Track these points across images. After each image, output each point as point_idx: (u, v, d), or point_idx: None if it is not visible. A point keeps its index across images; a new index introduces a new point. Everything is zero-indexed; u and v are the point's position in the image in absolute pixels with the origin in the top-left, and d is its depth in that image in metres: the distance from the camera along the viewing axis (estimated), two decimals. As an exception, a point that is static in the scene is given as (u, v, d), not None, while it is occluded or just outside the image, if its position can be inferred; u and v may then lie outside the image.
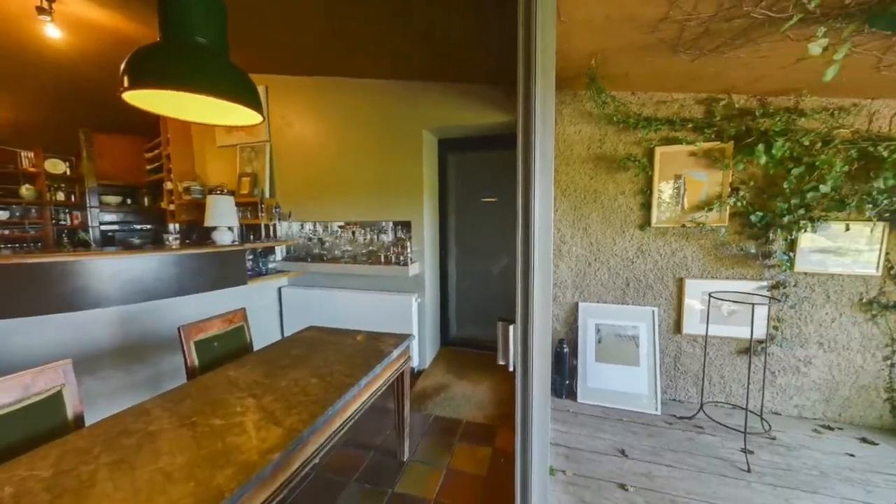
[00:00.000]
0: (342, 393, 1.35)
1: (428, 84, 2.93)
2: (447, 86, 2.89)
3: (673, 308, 2.53)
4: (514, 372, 1.35)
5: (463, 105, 2.88)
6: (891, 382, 2.20)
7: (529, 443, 1.34)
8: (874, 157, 2.04)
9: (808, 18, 1.37)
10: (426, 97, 2.95)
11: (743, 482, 1.78)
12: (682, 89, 2.35)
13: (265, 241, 3.25)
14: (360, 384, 1.45)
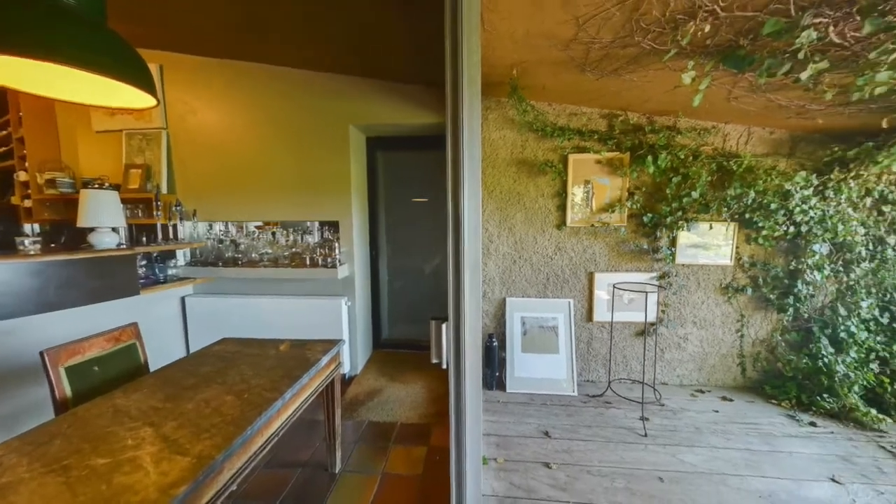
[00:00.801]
0: (263, 409, 1.23)
1: (355, 79, 2.83)
2: (377, 83, 2.83)
3: (585, 299, 2.83)
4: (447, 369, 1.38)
5: (393, 104, 2.84)
6: (741, 350, 2.76)
7: (463, 437, 1.38)
8: (728, 170, 2.54)
9: (682, 53, 1.65)
10: (354, 92, 2.84)
11: (641, 445, 2.07)
12: (589, 104, 2.64)
13: (163, 244, 2.81)
14: (284, 398, 1.34)
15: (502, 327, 2.87)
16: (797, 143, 2.57)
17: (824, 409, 2.38)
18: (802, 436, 2.17)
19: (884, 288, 2.47)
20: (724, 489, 1.74)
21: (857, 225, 2.42)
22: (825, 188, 2.44)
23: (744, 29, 1.47)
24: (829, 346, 2.48)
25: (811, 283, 2.53)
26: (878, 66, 1.46)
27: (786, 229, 2.50)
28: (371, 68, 2.72)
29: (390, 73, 2.74)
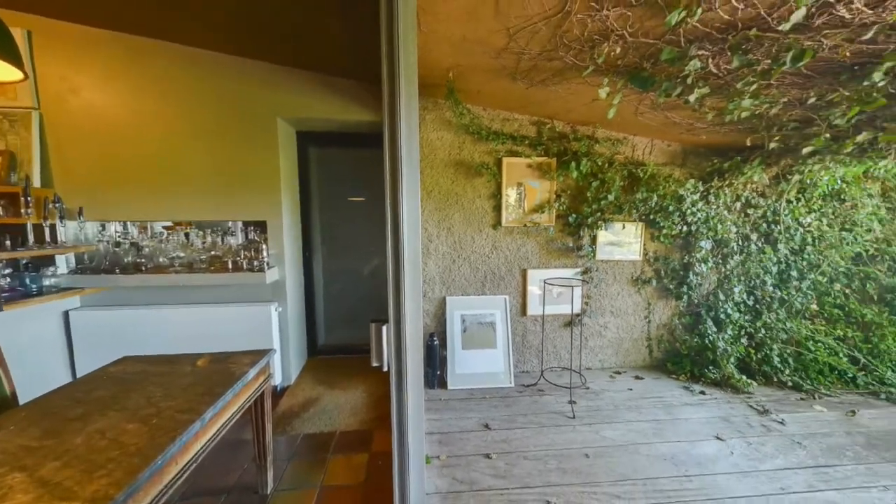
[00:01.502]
0: (177, 434, 1.09)
1: (286, 69, 2.63)
2: (310, 75, 2.66)
3: (520, 294, 3.00)
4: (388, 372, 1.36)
5: (328, 98, 2.70)
6: (649, 334, 3.16)
7: (406, 438, 1.37)
8: (636, 177, 2.89)
9: (598, 70, 1.84)
10: (283, 83, 2.64)
11: (570, 427, 2.26)
12: (520, 111, 2.80)
13: (36, 248, 2.32)
14: (203, 418, 1.20)
15: (443, 326, 2.91)
16: (688, 155, 3.02)
17: (710, 379, 2.84)
18: (695, 403, 2.56)
19: (749, 276, 3.03)
20: (638, 457, 1.98)
21: (730, 224, 2.93)
22: (708, 194, 2.91)
23: (647, 54, 1.68)
24: (712, 326, 2.97)
25: (699, 273, 3.00)
26: (743, 95, 1.79)
27: (681, 228, 2.92)
28: (304, 59, 2.55)
29: (325, 65, 2.61)
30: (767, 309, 2.99)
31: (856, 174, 2.95)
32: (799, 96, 1.84)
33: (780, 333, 2.95)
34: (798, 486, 1.77)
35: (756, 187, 2.98)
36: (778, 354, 2.90)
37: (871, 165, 2.72)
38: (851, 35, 1.37)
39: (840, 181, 2.96)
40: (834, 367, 2.85)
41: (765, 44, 1.45)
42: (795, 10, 1.23)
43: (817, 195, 2.96)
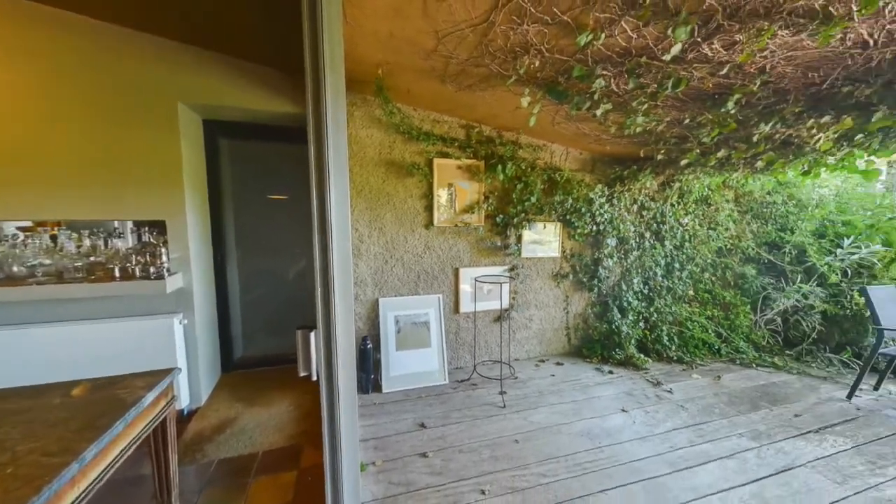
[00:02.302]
0: (43, 483, 0.89)
1: (191, 49, 2.31)
2: (221, 58, 2.37)
3: (452, 293, 3.07)
4: (318, 381, 1.29)
5: (244, 86, 2.44)
6: (567, 323, 3.49)
7: (339, 449, 1.31)
8: (554, 181, 3.17)
9: (521, 81, 1.97)
10: (188, 64, 2.31)
11: (501, 416, 2.38)
12: (450, 113, 2.86)
13: None
14: (82, 458, 1.00)
15: (376, 329, 2.84)
16: (596, 163, 3.40)
17: (617, 359, 3.24)
18: (605, 382, 2.89)
19: (644, 268, 3.52)
20: (560, 436, 2.17)
21: (629, 224, 3.38)
22: (612, 197, 3.32)
23: (562, 69, 1.85)
24: (617, 313, 3.39)
25: (607, 267, 3.40)
26: (637, 112, 2.07)
27: (591, 228, 3.28)
28: (216, 40, 2.27)
29: (242, 50, 2.35)
30: (658, 296, 3.52)
31: (717, 183, 3.63)
32: (678, 117, 2.20)
33: (667, 316, 3.50)
34: (682, 442, 2.12)
35: (648, 192, 3.48)
36: (666, 334, 3.43)
37: (727, 176, 3.38)
38: (713, 70, 1.67)
39: (707, 189, 3.61)
40: (705, 342, 3.47)
41: (652, 70, 1.70)
42: (674, 44, 1.46)
43: (692, 200, 3.57)
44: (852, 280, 3.32)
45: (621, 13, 1.41)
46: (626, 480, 1.81)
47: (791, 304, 3.48)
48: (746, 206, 3.81)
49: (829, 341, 3.42)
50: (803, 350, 3.44)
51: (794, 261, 3.59)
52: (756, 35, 1.39)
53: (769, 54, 1.55)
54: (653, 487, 1.76)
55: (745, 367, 3.23)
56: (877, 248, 3.24)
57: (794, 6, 1.25)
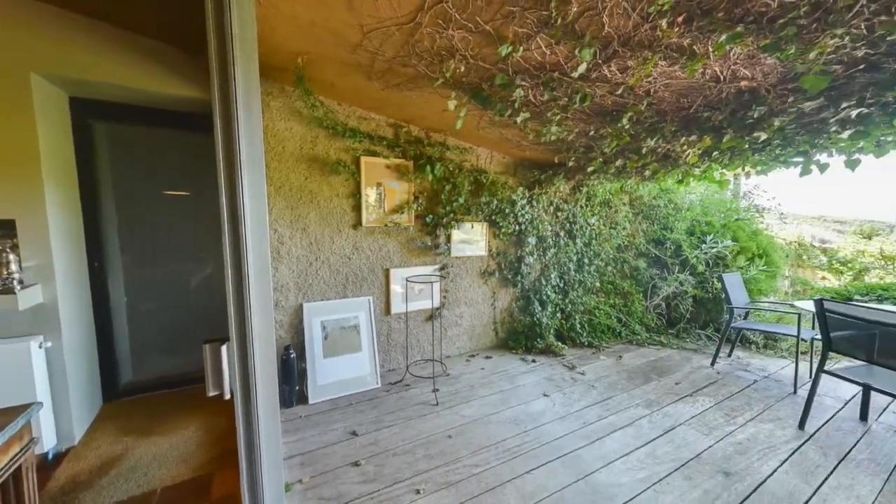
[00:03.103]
0: None
1: (48, 7, 1.87)
2: (95, 25, 1.96)
3: (383, 294, 3.01)
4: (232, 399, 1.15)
5: (129, 61, 2.06)
6: (495, 318, 3.68)
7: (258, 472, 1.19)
8: (481, 183, 3.31)
9: (447, 84, 2.01)
10: (45, 27, 1.87)
11: (434, 414, 2.41)
12: (378, 111, 2.80)
13: None
14: None
15: (300, 336, 2.65)
16: (517, 167, 3.64)
17: (538, 349, 3.51)
18: (528, 371, 3.12)
19: (560, 264, 3.89)
20: (490, 426, 2.28)
21: (547, 224, 3.70)
22: (532, 199, 3.59)
23: (485, 76, 1.94)
24: (538, 306, 3.68)
25: (528, 264, 3.67)
26: (552, 122, 2.28)
27: (514, 227, 3.50)
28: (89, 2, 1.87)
29: (126, 18, 1.97)
30: (572, 289, 3.91)
31: (616, 188, 4.17)
32: (585, 129, 2.47)
33: (579, 306, 3.91)
34: (593, 417, 2.39)
35: (562, 195, 3.84)
36: (579, 322, 3.84)
37: (623, 182, 3.90)
38: (611, 89, 1.92)
39: (608, 193, 4.12)
40: (610, 327, 3.97)
41: (564, 85, 1.88)
42: (580, 63, 1.64)
43: (597, 203, 4.05)
44: (712, 269, 4.10)
45: (537, 30, 1.53)
46: (548, 458, 1.97)
47: (672, 291, 4.17)
48: (638, 208, 4.44)
49: (699, 320, 4.18)
50: (681, 328, 4.14)
51: (673, 254, 4.30)
52: (643, 63, 1.63)
53: (653, 80, 1.83)
54: (570, 461, 1.95)
55: (639, 347, 3.77)
56: (728, 244, 4.06)
57: (670, 42, 1.50)
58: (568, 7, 1.37)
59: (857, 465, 1.94)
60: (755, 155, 2.26)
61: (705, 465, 1.93)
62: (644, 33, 1.48)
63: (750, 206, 4.87)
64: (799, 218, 8.09)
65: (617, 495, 1.71)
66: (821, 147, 2.06)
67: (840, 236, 7.51)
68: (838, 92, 1.63)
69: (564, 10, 1.39)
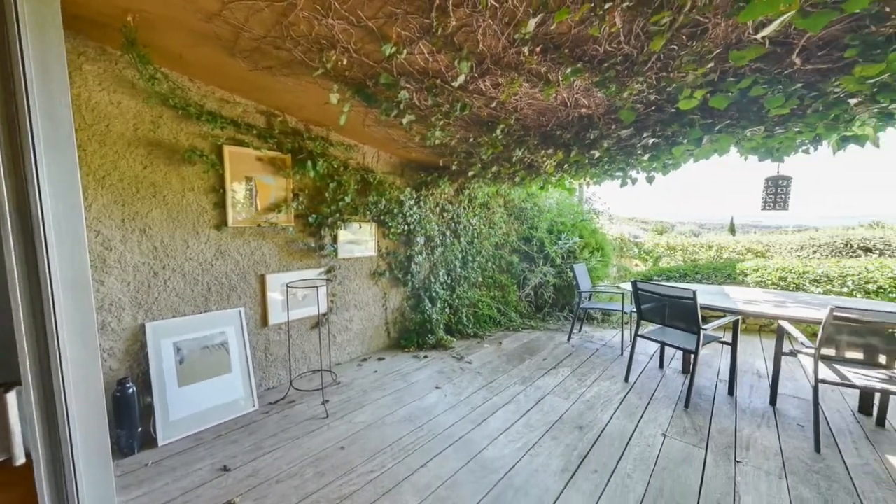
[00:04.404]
0: None
1: None
2: None
3: (258, 304, 2.66)
4: (29, 464, 0.85)
5: None
6: (386, 319, 3.65)
7: (80, 549, 0.91)
8: (368, 182, 3.23)
9: (329, 76, 1.89)
10: None
11: (324, 427, 2.25)
12: (244, 95, 2.44)
13: None
14: None
15: (143, 364, 2.12)
16: (405, 168, 3.69)
17: (430, 344, 3.64)
18: (421, 367, 3.20)
19: (447, 262, 4.11)
20: (385, 428, 2.26)
21: (434, 224, 3.86)
22: (420, 200, 3.69)
23: (370, 73, 1.90)
24: (428, 303, 3.81)
25: (418, 263, 3.76)
26: (436, 127, 2.38)
27: (403, 227, 3.54)
28: None
29: None
30: (458, 285, 4.18)
31: (493, 192, 4.63)
32: (465, 136, 2.66)
33: (465, 301, 4.21)
34: (479, 401, 2.61)
35: (447, 197, 4.06)
36: (465, 315, 4.13)
37: (499, 187, 4.36)
38: (486, 102, 2.12)
39: (487, 196, 4.55)
40: (491, 317, 4.39)
41: (446, 92, 1.99)
42: (459, 74, 1.76)
43: (477, 204, 4.42)
44: (566, 261, 4.95)
45: (420, 35, 1.57)
46: (441, 448, 2.07)
47: (538, 281, 4.86)
48: (511, 210, 5.03)
49: (558, 304, 4.99)
50: (546, 312, 4.88)
51: (538, 250, 5.02)
52: (511, 82, 1.85)
53: (519, 98, 2.09)
54: (462, 446, 2.09)
55: (515, 332, 4.29)
56: (576, 240, 4.96)
57: (531, 67, 1.74)
58: (447, 19, 1.45)
59: (659, 401, 2.63)
60: (592, 168, 2.81)
61: (566, 424, 2.32)
62: (511, 56, 1.68)
63: (590, 210, 6.06)
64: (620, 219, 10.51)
65: (501, 467, 1.91)
66: (632, 165, 2.70)
67: (645, 232, 10.04)
68: (641, 125, 2.16)
69: (444, 22, 1.46)
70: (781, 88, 1.58)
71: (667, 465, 1.94)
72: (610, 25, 1.38)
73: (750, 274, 4.76)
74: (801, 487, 1.78)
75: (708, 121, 1.95)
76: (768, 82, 1.58)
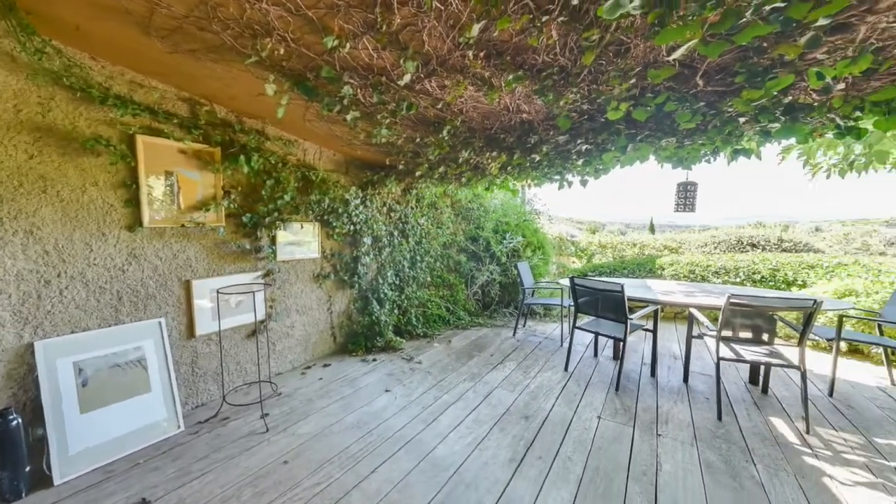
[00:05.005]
0: None
1: None
2: None
3: (183, 313, 2.38)
4: None
5: None
6: (332, 323, 3.50)
7: None
8: (309, 180, 3.07)
9: (264, 65, 1.76)
10: None
11: (265, 442, 2.10)
12: (162, 78, 2.18)
13: None
14: None
15: (31, 390, 1.79)
16: (349, 166, 3.56)
17: (378, 347, 3.57)
18: (370, 370, 3.12)
19: (395, 262, 4.06)
20: (332, 436, 2.16)
21: (382, 224, 3.78)
22: (366, 199, 3.59)
23: (310, 66, 1.80)
24: (376, 305, 3.73)
25: (365, 264, 3.66)
26: (382, 125, 2.34)
27: (349, 228, 3.42)
28: None
29: None
30: (407, 285, 4.15)
31: (440, 192, 4.67)
32: (412, 135, 2.65)
33: (414, 301, 4.19)
34: (430, 400, 2.61)
35: (394, 196, 4.01)
36: (414, 316, 4.11)
37: (446, 187, 4.40)
38: (433, 102, 2.13)
39: (434, 196, 4.57)
40: (440, 316, 4.42)
41: (392, 90, 1.96)
42: (405, 73, 1.74)
43: (425, 204, 4.42)
44: (511, 259, 5.16)
45: (363, 30, 1.53)
46: (392, 451, 2.03)
47: (485, 279, 5.01)
48: (458, 210, 5.12)
49: (504, 301, 5.19)
50: (493, 309, 5.04)
51: (484, 249, 5.17)
52: (456, 84, 1.88)
53: (465, 101, 2.13)
54: (413, 447, 2.08)
55: (464, 330, 4.37)
56: (520, 239, 5.20)
57: (476, 71, 1.78)
58: (392, 17, 1.43)
59: (594, 386, 2.86)
60: (533, 171, 2.97)
61: (513, 416, 2.42)
62: (457, 59, 1.71)
63: (532, 211, 6.39)
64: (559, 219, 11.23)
65: (452, 464, 1.94)
66: (568, 169, 2.90)
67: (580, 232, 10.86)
68: (576, 132, 2.33)
69: (389, 19, 1.44)
70: (689, 105, 1.81)
71: (602, 444, 2.11)
72: (547, 37, 1.47)
73: (667, 268, 5.39)
74: (707, 452, 2.06)
75: (632, 131, 2.17)
76: (679, 99, 1.80)
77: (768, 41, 1.37)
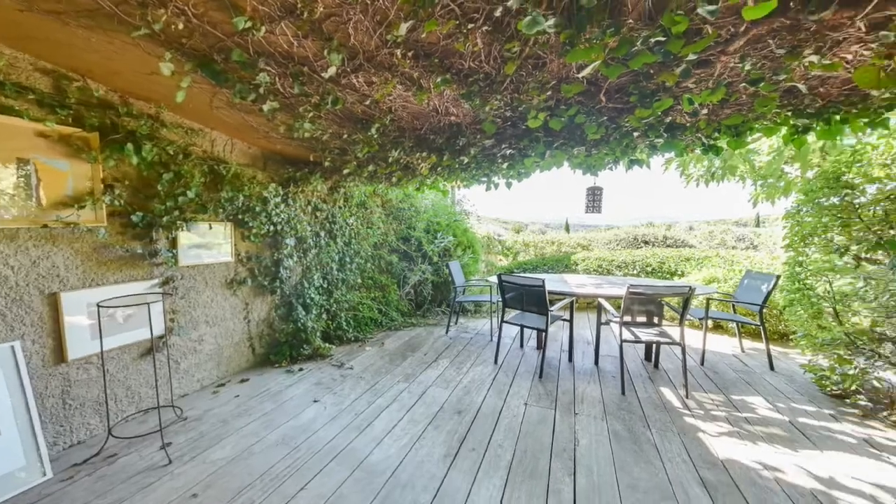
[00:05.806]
0: None
1: None
2: None
3: (47, 333, 1.94)
4: None
5: None
6: (250, 333, 3.17)
7: None
8: (219, 174, 2.73)
9: (158, 40, 1.52)
10: None
11: (167, 476, 1.81)
12: (11, 44, 1.74)
13: None
14: None
15: None
16: (268, 161, 3.27)
17: (305, 355, 3.33)
18: (296, 382, 2.91)
19: (322, 264, 3.84)
20: (253, 458, 1.96)
21: (306, 224, 3.54)
22: (288, 197, 3.33)
23: (218, 46, 1.60)
24: (302, 311, 3.48)
25: (288, 267, 3.39)
26: (304, 118, 2.19)
27: (268, 228, 3.13)
28: None
29: None
30: (336, 288, 3.95)
31: (370, 191, 4.55)
32: (338, 132, 2.53)
33: (344, 304, 4.01)
34: (363, 406, 2.53)
35: (320, 195, 3.79)
36: (345, 320, 3.94)
37: (376, 186, 4.30)
38: (360, 99, 2.06)
39: (364, 195, 4.44)
40: (373, 318, 4.31)
41: (315, 82, 1.85)
42: (330, 65, 1.66)
43: (354, 204, 4.26)
44: (443, 259, 5.26)
45: (281, 15, 1.41)
46: (323, 465, 1.92)
47: (418, 279, 5.02)
48: (389, 210, 5.04)
49: (437, 299, 5.26)
50: (426, 309, 5.07)
51: (416, 249, 5.18)
52: (384, 82, 1.85)
53: (394, 100, 2.10)
54: (345, 456, 1.99)
55: (397, 331, 4.32)
56: (451, 239, 5.32)
57: (405, 71, 1.77)
58: (314, 4, 1.35)
59: (521, 376, 3.06)
60: (462, 172, 3.06)
61: (447, 413, 2.47)
62: (385, 56, 1.68)
63: (462, 211, 6.59)
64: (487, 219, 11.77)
65: (387, 468, 1.90)
66: (494, 171, 3.05)
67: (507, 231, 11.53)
68: (500, 137, 2.46)
69: (311, 5, 1.35)
70: (595, 119, 2.04)
71: (528, 429, 2.27)
72: (473, 44, 1.52)
73: (580, 263, 6.01)
74: (615, 423, 2.35)
75: (549, 139, 2.37)
76: (587, 113, 2.02)
77: (654, 68, 1.61)
